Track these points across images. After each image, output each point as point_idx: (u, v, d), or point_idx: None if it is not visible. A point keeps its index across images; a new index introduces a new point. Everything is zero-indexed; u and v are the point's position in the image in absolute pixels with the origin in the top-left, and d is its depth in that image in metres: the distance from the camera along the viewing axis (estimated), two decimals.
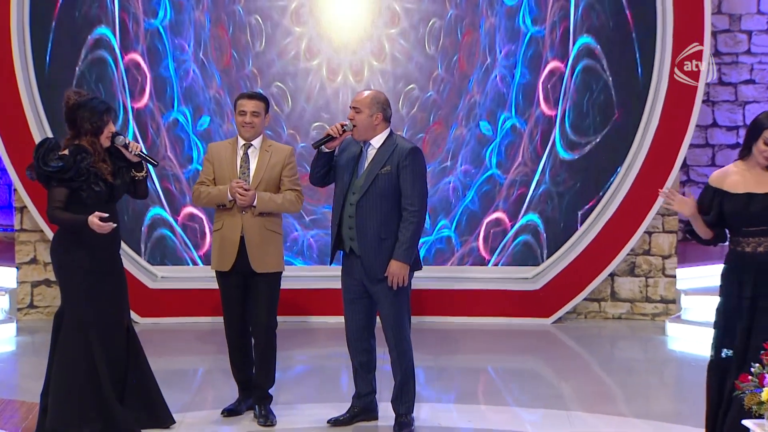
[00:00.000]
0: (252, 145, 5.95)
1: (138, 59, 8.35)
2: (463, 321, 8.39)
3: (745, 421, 4.48)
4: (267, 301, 5.91)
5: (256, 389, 6.01)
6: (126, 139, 5.46)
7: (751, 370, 4.49)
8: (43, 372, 5.54)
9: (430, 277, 8.25)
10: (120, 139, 5.42)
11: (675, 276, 8.49)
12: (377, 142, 5.64)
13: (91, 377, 5.33)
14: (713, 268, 8.55)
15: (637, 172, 8.20)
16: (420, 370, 6.04)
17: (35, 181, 5.41)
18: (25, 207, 8.29)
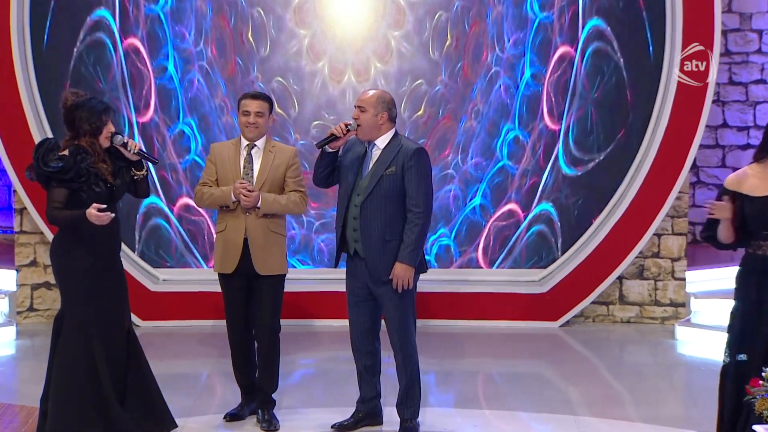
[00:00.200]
0: (255, 145, 5.96)
1: (137, 45, 8.35)
2: (469, 324, 8.39)
3: (756, 427, 4.47)
4: (270, 303, 5.91)
5: (259, 393, 6.01)
6: (125, 137, 5.46)
7: (762, 374, 4.48)
8: (43, 376, 5.54)
9: (435, 280, 8.25)
10: (118, 138, 5.42)
11: (684, 279, 8.48)
12: (382, 142, 5.64)
13: (91, 379, 5.33)
14: (723, 271, 8.57)
15: (646, 174, 8.20)
16: (425, 374, 6.04)
17: (34, 181, 5.41)
18: (25, 208, 8.30)
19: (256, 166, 5.94)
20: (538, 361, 7.64)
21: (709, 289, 8.45)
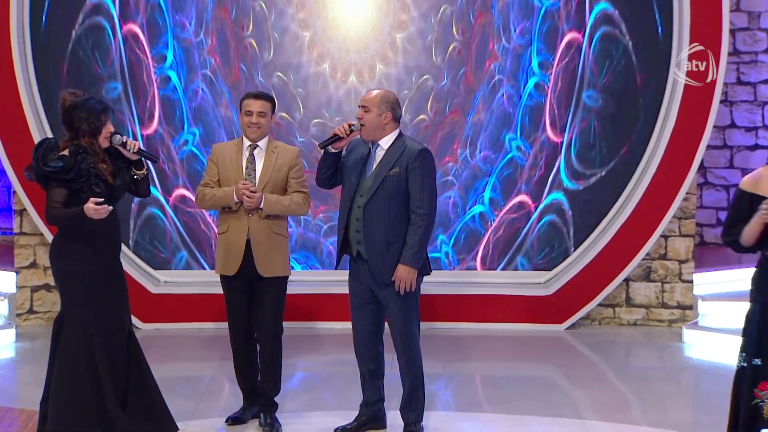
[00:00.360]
0: (258, 146, 5.96)
1: (137, 31, 8.35)
2: (474, 327, 8.39)
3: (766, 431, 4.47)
4: (273, 306, 5.91)
5: (261, 397, 6.01)
6: (123, 137, 5.45)
7: None
8: (43, 379, 5.54)
9: (440, 282, 8.25)
10: (117, 138, 5.42)
11: (692, 281, 8.47)
12: (386, 142, 5.64)
13: (92, 382, 5.34)
14: (731, 273, 8.58)
15: (653, 174, 8.19)
16: (429, 378, 6.03)
17: (34, 182, 5.41)
18: (25, 210, 8.31)
19: (259, 167, 5.94)
20: (543, 365, 7.63)
21: (717, 291, 8.45)
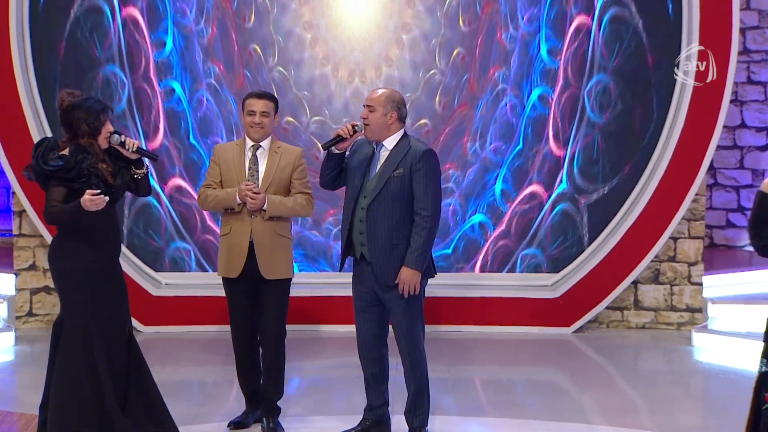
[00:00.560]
0: (261, 146, 5.96)
1: (137, 16, 8.36)
2: (480, 330, 8.39)
3: None
4: (276, 308, 5.92)
5: (264, 401, 6.02)
6: (122, 136, 5.45)
7: None
8: (42, 383, 5.55)
9: (444, 285, 8.25)
10: (115, 137, 5.42)
11: (701, 284, 8.47)
12: (390, 143, 5.64)
13: (92, 385, 5.34)
14: (741, 276, 8.59)
15: (662, 175, 8.19)
16: (435, 381, 6.04)
17: (33, 181, 5.40)
18: (24, 211, 8.32)
19: (262, 168, 5.95)
20: (550, 368, 7.63)
21: (727, 294, 8.45)
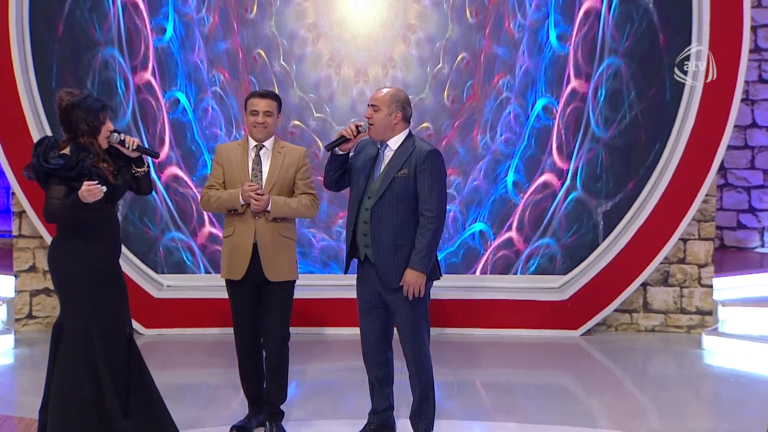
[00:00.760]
0: (264, 146, 5.97)
1: (137, 0, 8.39)
2: (486, 333, 8.39)
3: None
4: (280, 311, 5.92)
5: (267, 405, 6.02)
6: (121, 134, 5.46)
7: None
8: (42, 386, 5.56)
9: (450, 287, 8.26)
10: (115, 136, 5.43)
11: (712, 286, 8.47)
12: (395, 143, 5.64)
13: (93, 387, 5.35)
14: (752, 278, 8.59)
15: (671, 175, 8.19)
16: (440, 385, 6.04)
17: (33, 180, 5.41)
18: (24, 212, 8.34)
19: (265, 168, 5.95)
20: (558, 372, 7.63)
21: (738, 296, 8.45)
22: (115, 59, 8.35)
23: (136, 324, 8.11)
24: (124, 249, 7.70)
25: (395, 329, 5.78)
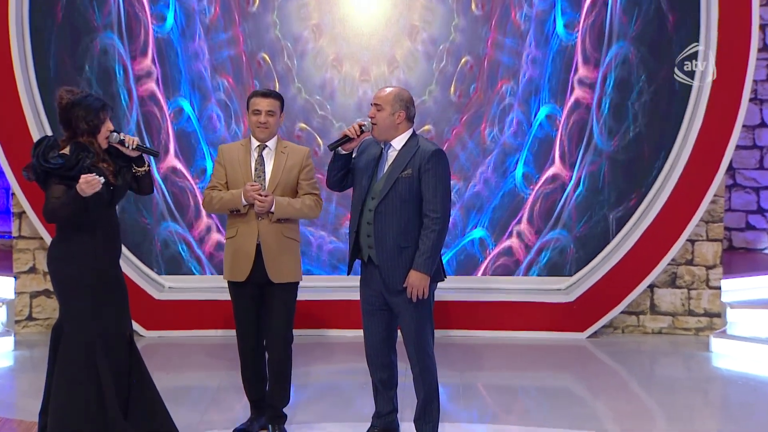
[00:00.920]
0: (267, 146, 5.98)
1: None
2: (491, 335, 8.39)
3: None
4: (283, 312, 5.93)
5: (269, 408, 6.03)
6: (121, 134, 5.46)
7: None
8: (42, 388, 5.57)
9: (455, 288, 8.26)
10: (114, 136, 5.44)
11: (720, 288, 8.46)
12: (399, 143, 5.65)
13: (93, 388, 5.36)
14: (761, 279, 8.58)
15: (679, 176, 8.19)
16: (445, 388, 6.05)
17: (32, 181, 5.42)
18: (24, 213, 8.35)
19: (268, 168, 5.96)
20: (564, 374, 7.63)
21: (746, 298, 8.44)
22: (115, 46, 8.36)
23: (136, 326, 8.12)
24: (124, 250, 7.72)
25: (399, 331, 5.78)
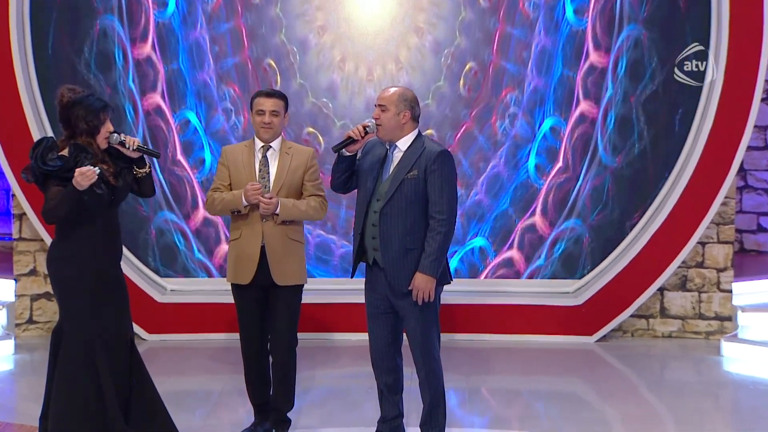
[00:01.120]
0: (271, 147, 5.99)
1: None
2: (498, 339, 8.39)
3: None
4: (288, 316, 5.93)
5: (273, 412, 6.04)
6: (121, 135, 5.48)
7: None
8: (43, 392, 5.58)
9: (461, 291, 8.26)
10: (114, 137, 5.45)
11: (731, 291, 8.46)
12: (404, 144, 5.64)
13: (94, 390, 5.37)
14: None
15: (690, 177, 8.19)
16: (451, 392, 6.05)
17: (31, 183, 5.43)
18: (24, 214, 8.37)
19: (273, 169, 5.97)
20: (572, 378, 7.64)
21: (758, 302, 8.44)
22: (114, 29, 8.37)
23: (138, 329, 8.13)
24: (125, 251, 7.73)
25: (405, 335, 5.79)
